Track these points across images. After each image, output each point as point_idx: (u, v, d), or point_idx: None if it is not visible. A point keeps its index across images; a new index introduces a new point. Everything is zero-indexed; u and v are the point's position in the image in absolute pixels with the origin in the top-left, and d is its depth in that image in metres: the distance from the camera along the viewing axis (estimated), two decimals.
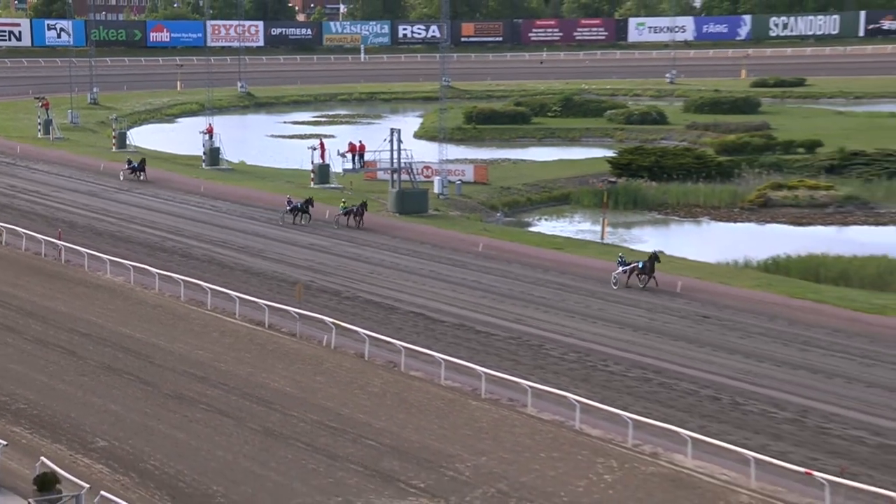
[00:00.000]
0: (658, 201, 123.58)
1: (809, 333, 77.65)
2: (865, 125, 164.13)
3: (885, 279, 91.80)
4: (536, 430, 60.15)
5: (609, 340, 75.70)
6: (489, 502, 51.91)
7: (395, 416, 62.21)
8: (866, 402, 64.69)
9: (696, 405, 64.00)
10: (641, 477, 54.77)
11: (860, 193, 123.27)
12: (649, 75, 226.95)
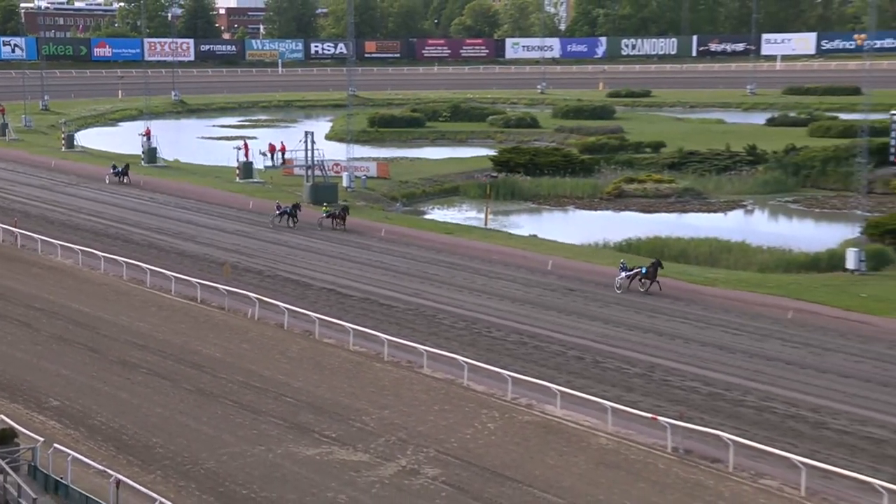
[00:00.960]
0: (532, 193, 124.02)
1: (655, 303, 78.43)
2: (699, 129, 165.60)
3: (716, 257, 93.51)
4: (431, 387, 61.01)
5: (491, 311, 76.30)
6: (391, 448, 52.50)
7: (310, 377, 62.97)
8: (700, 359, 65.96)
9: (563, 364, 64.86)
10: (518, 425, 55.67)
11: (695, 186, 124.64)
12: (523, 86, 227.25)
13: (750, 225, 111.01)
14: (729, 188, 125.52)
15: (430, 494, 47.94)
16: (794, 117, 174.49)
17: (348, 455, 52.13)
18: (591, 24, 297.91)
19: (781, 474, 48.88)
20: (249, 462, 51.10)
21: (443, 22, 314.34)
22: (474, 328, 72.48)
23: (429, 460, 51.49)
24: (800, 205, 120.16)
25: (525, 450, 52.89)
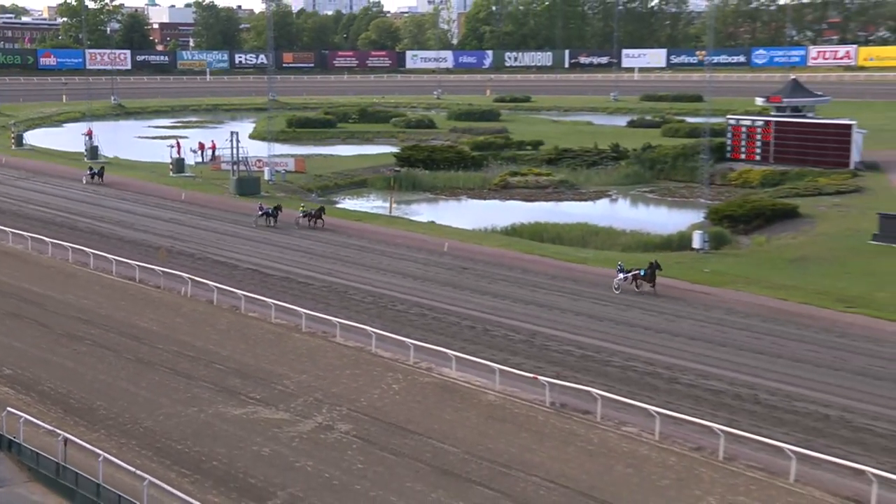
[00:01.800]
0: (430, 185, 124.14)
1: (536, 279, 78.99)
2: (571, 130, 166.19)
3: (587, 239, 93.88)
4: (343, 354, 61.14)
5: (396, 287, 76.53)
6: (308, 408, 52.75)
7: (237, 346, 62.94)
8: (574, 327, 66.56)
9: (457, 332, 65.23)
10: (420, 385, 56.02)
11: (569, 178, 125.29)
12: (422, 92, 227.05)
13: (614, 211, 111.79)
14: (597, 180, 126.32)
15: (343, 447, 48.21)
16: (649, 120, 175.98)
17: (271, 414, 52.36)
18: (479, 39, 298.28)
19: (640, 422, 49.84)
20: (183, 421, 51.20)
21: (351, 36, 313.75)
22: (381, 302, 72.72)
23: (342, 417, 51.76)
24: (655, 194, 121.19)
25: (425, 407, 53.41)
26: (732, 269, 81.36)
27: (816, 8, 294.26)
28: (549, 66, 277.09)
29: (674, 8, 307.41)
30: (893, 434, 49.66)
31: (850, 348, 63.04)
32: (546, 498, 43.28)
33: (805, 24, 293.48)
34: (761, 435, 47.44)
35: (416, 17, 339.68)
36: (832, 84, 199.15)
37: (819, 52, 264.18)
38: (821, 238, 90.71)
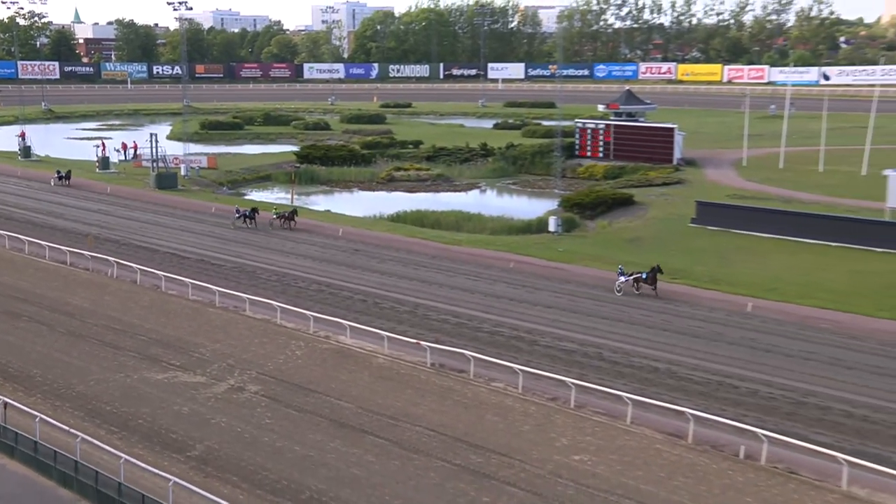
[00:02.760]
0: (326, 178, 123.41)
1: (418, 258, 79.00)
2: (447, 132, 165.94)
3: (461, 224, 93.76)
4: (252, 326, 60.79)
5: (297, 267, 76.12)
6: (222, 372, 52.56)
7: (158, 320, 62.32)
8: (450, 298, 66.78)
9: (351, 305, 65.07)
10: (319, 351, 55.88)
11: (445, 172, 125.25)
12: (318, 99, 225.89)
13: (483, 200, 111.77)
14: (468, 174, 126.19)
15: (253, 405, 48.06)
16: (512, 123, 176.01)
17: (189, 378, 52.04)
18: (366, 53, 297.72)
19: (506, 378, 50.27)
20: (112, 386, 50.74)
21: (255, 50, 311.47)
22: (284, 280, 72.32)
23: (251, 380, 51.58)
24: (517, 186, 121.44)
25: (324, 369, 53.31)
26: (581, 248, 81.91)
27: (644, 32, 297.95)
28: (426, 76, 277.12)
29: (530, 29, 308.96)
30: (708, 382, 51.24)
31: (675, 312, 64.21)
32: (428, 444, 43.40)
33: (635, 44, 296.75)
34: (604, 386, 48.51)
35: (312, 34, 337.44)
36: (658, 94, 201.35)
37: (647, 68, 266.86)
38: (651, 221, 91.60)
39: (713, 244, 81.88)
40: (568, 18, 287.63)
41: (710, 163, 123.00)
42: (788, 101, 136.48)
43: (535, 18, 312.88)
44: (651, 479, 40.06)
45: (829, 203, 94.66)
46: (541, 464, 41.56)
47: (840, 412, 47.14)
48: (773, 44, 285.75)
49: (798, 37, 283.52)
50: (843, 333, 59.39)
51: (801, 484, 39.66)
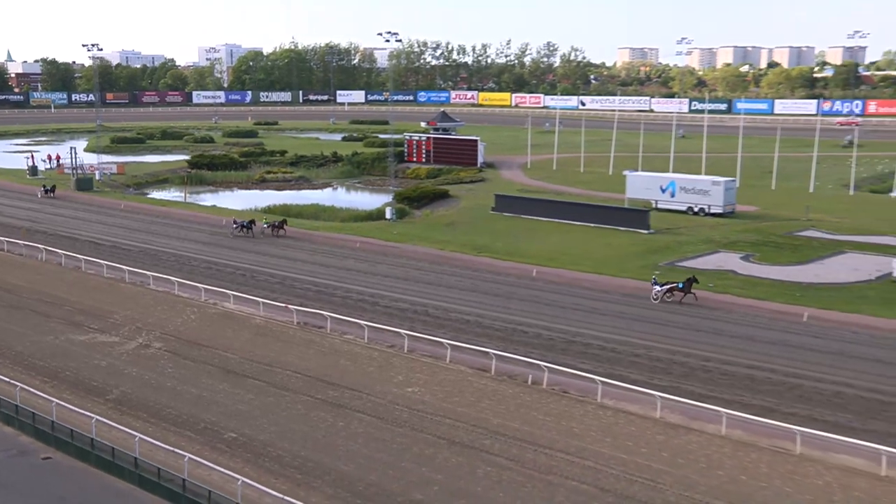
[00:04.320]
0: (212, 181, 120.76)
1: (286, 241, 78.02)
2: (306, 143, 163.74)
3: (318, 214, 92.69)
4: (156, 296, 59.34)
5: (190, 250, 74.56)
6: (132, 333, 51.66)
7: (79, 294, 60.78)
8: (311, 272, 66.22)
9: (234, 279, 63.95)
10: (209, 315, 54.84)
11: (305, 174, 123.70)
12: (204, 119, 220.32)
13: (335, 196, 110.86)
14: (323, 176, 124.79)
15: (157, 358, 47.26)
16: (356, 136, 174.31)
17: (106, 338, 50.89)
18: (242, 83, 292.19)
19: (355, 332, 49.98)
20: (43, 346, 49.48)
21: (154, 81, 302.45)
22: (181, 260, 70.65)
23: (156, 339, 50.58)
24: (361, 184, 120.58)
25: (213, 329, 52.38)
26: (410, 231, 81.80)
27: (453, 68, 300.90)
28: (289, 101, 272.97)
29: (368, 65, 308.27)
30: (505, 329, 51.66)
31: (481, 278, 64.61)
32: (295, 383, 43.09)
33: (447, 77, 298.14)
34: (429, 335, 48.55)
35: (199, 68, 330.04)
36: (465, 114, 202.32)
37: (456, 95, 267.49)
38: (463, 210, 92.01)
39: (508, 226, 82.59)
40: (396, 57, 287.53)
41: (504, 165, 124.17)
42: (558, 121, 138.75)
43: (371, 57, 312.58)
44: (465, 403, 40.45)
45: (588, 195, 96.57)
46: (382, 395, 41.58)
47: (597, 347, 48.33)
48: (545, 78, 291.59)
49: (562, 74, 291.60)
50: (599, 289, 60.79)
51: (570, 399, 40.72)
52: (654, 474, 33.51)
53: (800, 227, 79.25)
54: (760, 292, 58.75)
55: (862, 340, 49.87)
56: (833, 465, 33.94)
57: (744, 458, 34.81)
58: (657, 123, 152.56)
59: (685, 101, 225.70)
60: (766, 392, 41.66)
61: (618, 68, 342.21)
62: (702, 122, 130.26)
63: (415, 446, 36.19)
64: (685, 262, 67.18)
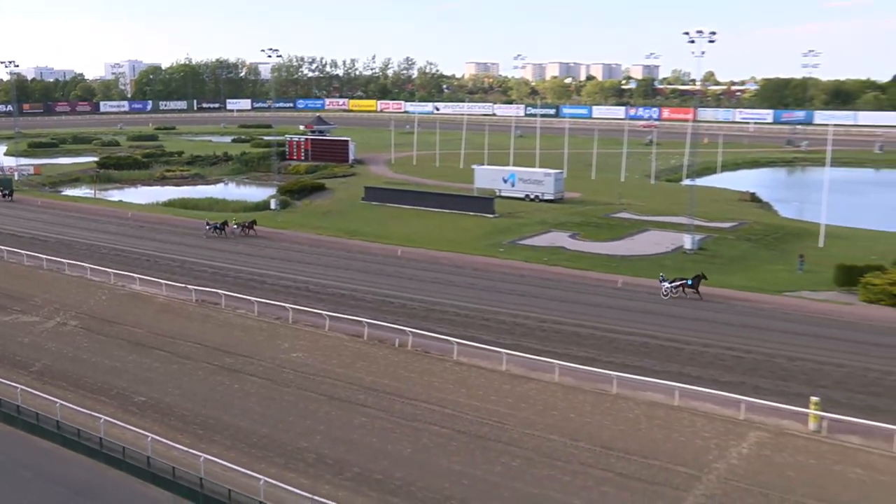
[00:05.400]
0: (119, 179, 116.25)
1: (183, 230, 75.95)
2: (200, 145, 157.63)
3: (212, 206, 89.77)
4: (70, 281, 56.83)
5: (100, 239, 71.88)
6: (51, 314, 50.26)
7: (3, 280, 58.22)
8: (207, 256, 64.66)
9: (139, 263, 61.87)
10: (118, 296, 52.95)
11: (200, 172, 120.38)
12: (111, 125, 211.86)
13: (227, 190, 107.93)
14: (216, 173, 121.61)
15: (74, 334, 45.97)
16: (244, 138, 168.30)
17: (27, 319, 49.39)
18: (143, 93, 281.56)
19: (247, 307, 48.90)
20: None
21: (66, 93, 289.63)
22: (92, 248, 68.02)
23: (72, 317, 49.11)
24: (249, 179, 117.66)
25: (122, 308, 50.83)
26: (293, 219, 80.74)
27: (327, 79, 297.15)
28: (185, 108, 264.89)
29: (253, 77, 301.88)
30: (375, 300, 51.41)
31: (354, 258, 64.27)
32: (196, 353, 42.36)
33: (322, 86, 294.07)
34: (310, 308, 48.02)
35: (105, 81, 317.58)
36: (337, 119, 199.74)
37: (330, 102, 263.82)
38: (337, 200, 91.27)
39: (376, 214, 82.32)
40: (278, 70, 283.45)
41: (372, 162, 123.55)
42: (416, 123, 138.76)
43: (256, 70, 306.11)
44: (342, 365, 40.35)
45: (444, 186, 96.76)
46: (271, 360, 41.19)
47: (453, 313, 48.66)
48: (405, 87, 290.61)
49: (420, 84, 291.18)
50: (453, 265, 61.21)
51: (432, 358, 40.82)
52: (501, 417, 34.12)
53: (614, 209, 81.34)
54: (585, 264, 60.19)
55: (662, 300, 51.70)
56: (641, 401, 35.20)
57: (573, 399, 35.76)
58: (499, 125, 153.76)
59: (521, 107, 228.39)
60: (589, 345, 42.88)
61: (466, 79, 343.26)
62: (535, 125, 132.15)
63: (300, 402, 36.02)
64: (524, 241, 68.26)
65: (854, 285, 52.02)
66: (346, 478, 29.36)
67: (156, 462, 30.21)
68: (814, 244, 65.84)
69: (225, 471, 28.78)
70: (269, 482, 27.29)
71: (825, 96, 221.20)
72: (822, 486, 28.27)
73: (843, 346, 42.95)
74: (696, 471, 29.34)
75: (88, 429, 32.68)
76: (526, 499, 27.67)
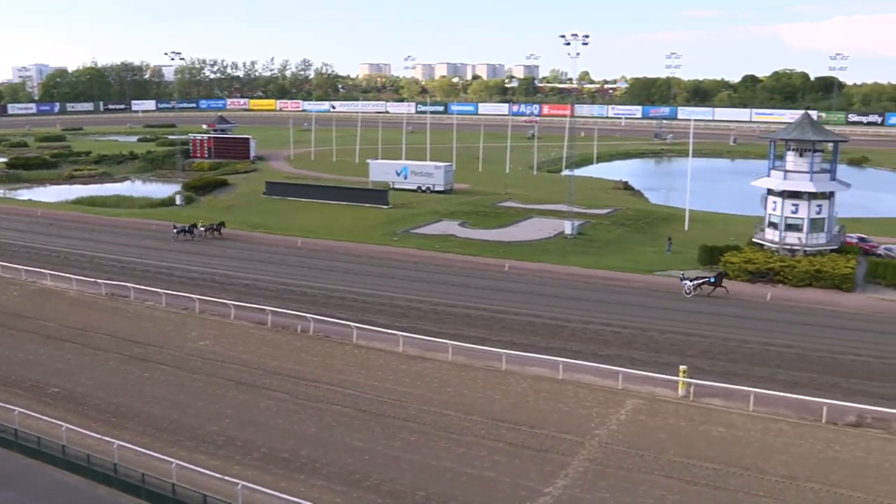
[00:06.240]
0: (28, 179, 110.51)
1: (92, 226, 73.28)
2: (107, 144, 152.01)
3: (119, 203, 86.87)
4: None
5: (11, 237, 68.55)
6: None
7: None
8: (115, 251, 62.47)
9: (49, 260, 59.39)
10: (29, 292, 51.00)
11: (108, 171, 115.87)
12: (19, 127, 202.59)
13: (133, 188, 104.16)
14: (122, 171, 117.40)
15: None
16: (149, 137, 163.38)
17: None
18: (51, 96, 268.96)
19: (155, 299, 47.72)
20: None
21: None
22: (3, 246, 64.76)
23: None
24: (155, 177, 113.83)
25: (34, 302, 48.78)
26: (197, 214, 77.88)
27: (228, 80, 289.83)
28: (91, 110, 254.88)
29: (157, 79, 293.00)
30: (277, 289, 50.65)
31: (257, 249, 63.28)
32: (107, 344, 40.97)
33: (223, 87, 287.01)
34: (216, 298, 46.99)
35: (13, 84, 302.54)
36: (239, 118, 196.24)
37: (232, 102, 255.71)
38: (239, 195, 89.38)
39: (277, 207, 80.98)
40: (181, 72, 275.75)
41: (273, 158, 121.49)
42: (314, 121, 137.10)
43: (160, 72, 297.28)
44: (248, 351, 39.67)
45: (341, 179, 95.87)
46: (180, 349, 40.15)
47: (351, 300, 48.47)
48: (303, 87, 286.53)
49: (317, 84, 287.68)
50: (351, 254, 60.94)
51: (332, 342, 40.60)
52: (399, 395, 34.07)
53: (500, 199, 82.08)
54: (474, 250, 60.60)
55: (545, 282, 52.51)
56: (528, 376, 35.68)
57: (465, 377, 35.98)
58: (392, 122, 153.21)
59: (412, 105, 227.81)
60: (480, 326, 43.20)
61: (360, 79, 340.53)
62: (425, 121, 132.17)
63: (208, 388, 35.22)
64: (417, 230, 68.24)
65: (715, 264, 53.85)
66: (254, 458, 28.86)
67: (71, 450, 29.10)
68: (680, 228, 67.85)
69: (138, 456, 27.94)
70: (180, 465, 26.61)
71: (686, 94, 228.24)
72: (690, 446, 29.21)
73: (707, 318, 44.49)
74: (579, 437, 29.92)
75: (3, 420, 31.23)
76: (424, 470, 27.73)
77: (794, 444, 29.28)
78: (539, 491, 26.21)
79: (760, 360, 37.80)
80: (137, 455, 28.03)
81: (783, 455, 28.44)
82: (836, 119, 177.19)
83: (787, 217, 53.46)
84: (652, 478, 27.00)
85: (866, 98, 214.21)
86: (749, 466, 27.61)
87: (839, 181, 54.74)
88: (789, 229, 53.60)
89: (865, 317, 45.01)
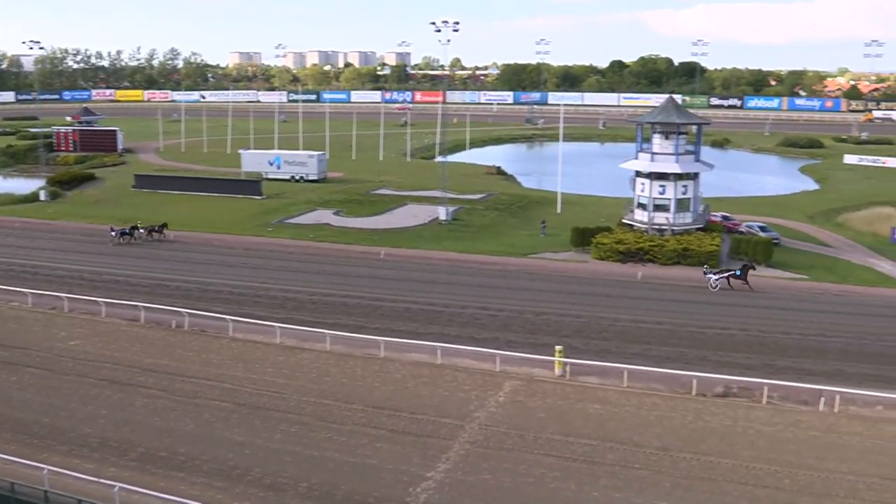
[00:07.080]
0: None
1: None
2: None
3: None
4: None
5: None
6: None
7: None
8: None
9: None
10: None
11: None
12: None
13: None
14: None
15: None
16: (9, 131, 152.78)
17: None
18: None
19: (20, 299, 45.28)
20: None
21: None
22: None
23: None
24: (17, 172, 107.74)
25: None
26: (63, 210, 75.06)
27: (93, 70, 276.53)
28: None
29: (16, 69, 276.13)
30: (150, 285, 48.84)
31: (127, 244, 60.72)
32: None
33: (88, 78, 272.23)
34: (86, 296, 44.86)
35: None
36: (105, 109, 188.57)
37: (97, 93, 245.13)
38: (108, 189, 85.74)
39: (148, 200, 78.05)
40: (41, 62, 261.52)
41: (142, 150, 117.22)
42: (183, 112, 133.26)
43: (19, 62, 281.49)
44: (121, 349, 38.12)
45: (213, 171, 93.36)
46: (48, 350, 38.18)
47: (227, 293, 47.31)
48: (171, 77, 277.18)
49: (185, 73, 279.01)
50: (225, 246, 59.60)
51: (208, 336, 39.66)
52: (278, 387, 33.47)
53: (374, 186, 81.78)
54: (349, 238, 60.18)
55: (422, 268, 52.69)
56: (407, 362, 35.70)
57: (344, 366, 35.67)
58: (263, 111, 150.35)
59: (284, 94, 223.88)
60: (357, 314, 42.91)
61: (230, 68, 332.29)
62: (297, 110, 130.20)
63: (81, 389, 33.66)
64: (292, 220, 67.27)
65: (588, 245, 55.20)
66: (131, 458, 27.78)
67: None
68: (553, 210, 69.23)
69: (7, 465, 26.42)
70: (53, 470, 25.33)
71: (556, 80, 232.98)
72: (568, 423, 29.82)
73: (580, 298, 45.59)
74: (459, 421, 30.10)
75: None
76: (306, 461, 27.33)
77: (667, 416, 30.35)
78: (422, 476, 26.23)
79: (633, 338, 39.02)
80: (6, 464, 26.52)
81: (657, 428, 29.42)
82: (699, 102, 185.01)
83: (655, 198, 55.30)
84: (532, 457, 27.44)
85: (726, 82, 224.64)
86: (625, 441, 28.43)
87: (703, 162, 56.99)
88: (657, 210, 55.46)
89: (731, 292, 47.07)
